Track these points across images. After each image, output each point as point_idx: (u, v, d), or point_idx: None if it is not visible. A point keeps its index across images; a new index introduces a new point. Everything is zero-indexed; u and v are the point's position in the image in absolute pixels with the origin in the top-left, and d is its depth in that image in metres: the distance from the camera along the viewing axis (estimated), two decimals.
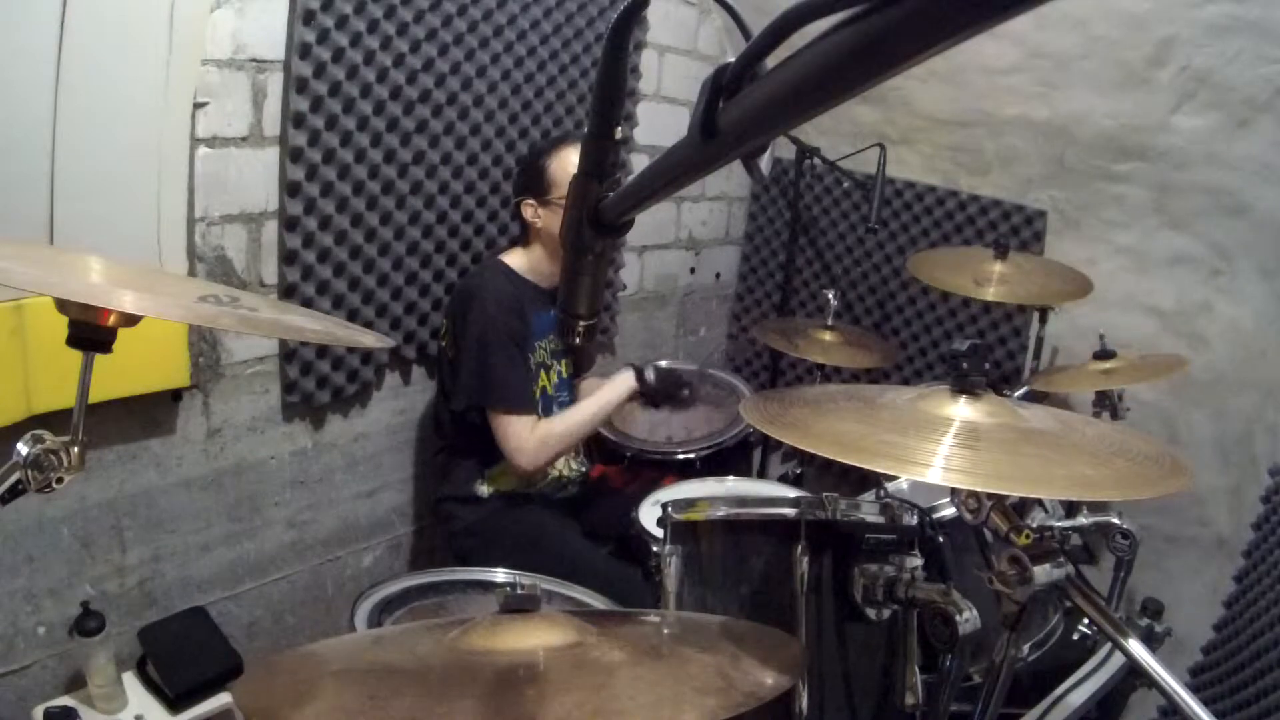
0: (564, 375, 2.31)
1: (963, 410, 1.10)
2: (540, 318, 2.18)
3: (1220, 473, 2.52)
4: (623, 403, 2.26)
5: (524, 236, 2.22)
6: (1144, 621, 1.72)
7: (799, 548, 1.28)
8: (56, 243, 1.57)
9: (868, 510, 1.36)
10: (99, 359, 0.96)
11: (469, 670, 0.88)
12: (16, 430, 0.97)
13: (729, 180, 3.45)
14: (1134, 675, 1.57)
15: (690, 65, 3.08)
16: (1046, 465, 1.01)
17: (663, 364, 2.34)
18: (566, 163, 2.08)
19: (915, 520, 1.38)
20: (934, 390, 1.17)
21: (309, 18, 1.86)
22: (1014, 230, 2.93)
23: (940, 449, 1.00)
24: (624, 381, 2.25)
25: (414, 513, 2.49)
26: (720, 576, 1.39)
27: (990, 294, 2.45)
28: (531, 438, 2.06)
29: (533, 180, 2.12)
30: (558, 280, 2.53)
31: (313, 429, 2.18)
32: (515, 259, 2.20)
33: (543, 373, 2.22)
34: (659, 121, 2.95)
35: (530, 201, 2.13)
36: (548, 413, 2.19)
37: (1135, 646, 1.00)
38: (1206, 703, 1.50)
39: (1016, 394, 2.40)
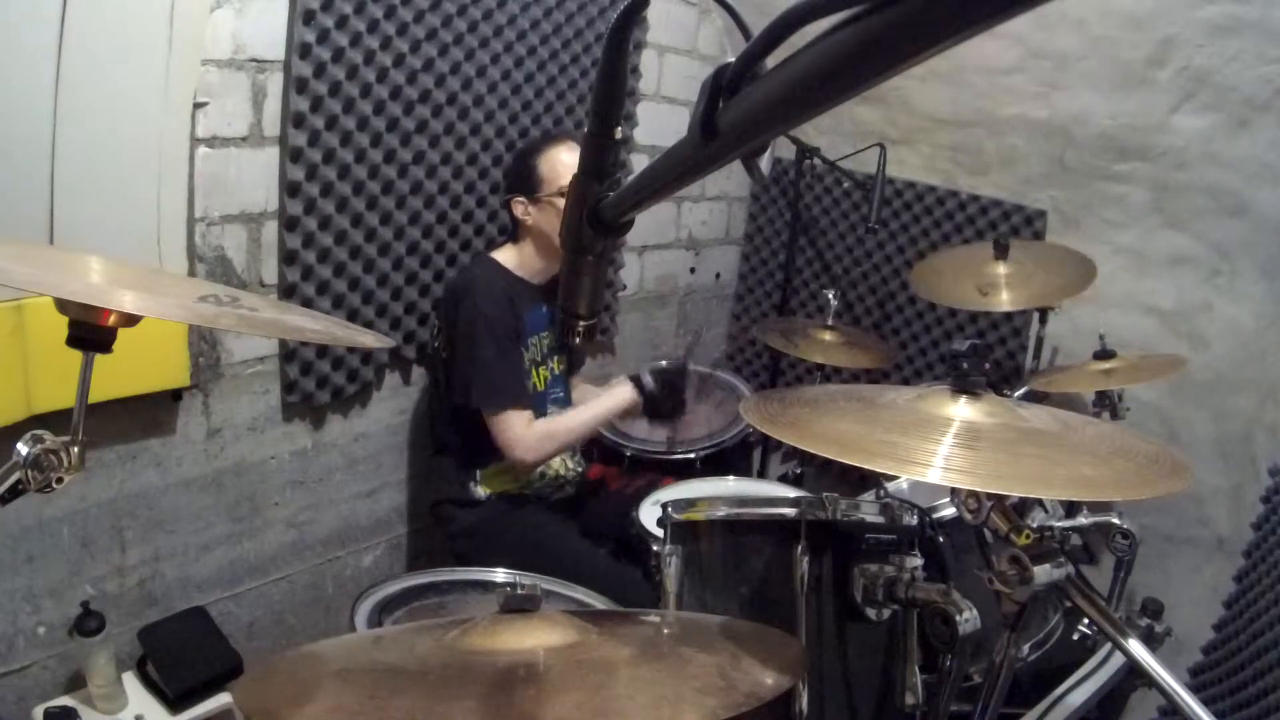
0: (557, 372, 2.30)
1: (963, 410, 1.10)
2: (533, 314, 2.18)
3: (1220, 473, 2.52)
4: (622, 413, 2.22)
5: (514, 234, 2.22)
6: (1144, 621, 1.72)
7: (799, 548, 1.28)
8: (56, 243, 1.57)
9: (868, 510, 1.36)
10: (99, 359, 0.96)
11: (469, 670, 0.88)
12: (16, 430, 0.97)
13: (729, 180, 3.45)
14: (1134, 675, 1.57)
15: (690, 65, 3.08)
16: (1046, 465, 1.01)
17: (662, 364, 2.30)
18: (556, 160, 2.09)
19: (915, 520, 1.38)
20: (934, 390, 1.17)
21: (309, 18, 1.86)
22: (1014, 230, 2.92)
23: (940, 449, 1.00)
24: (622, 394, 2.20)
25: (414, 513, 2.49)
26: (720, 576, 1.39)
27: (999, 300, 2.46)
28: (528, 434, 2.06)
29: (522, 178, 2.13)
30: (550, 276, 2.51)
31: (313, 429, 2.18)
32: (506, 256, 2.20)
33: (535, 369, 2.22)
34: (659, 121, 2.95)
35: (520, 199, 2.13)
36: (540, 410, 2.19)
37: (1135, 646, 1.00)
38: (1206, 703, 1.50)
39: (1016, 394, 2.40)
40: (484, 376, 2.05)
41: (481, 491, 2.17)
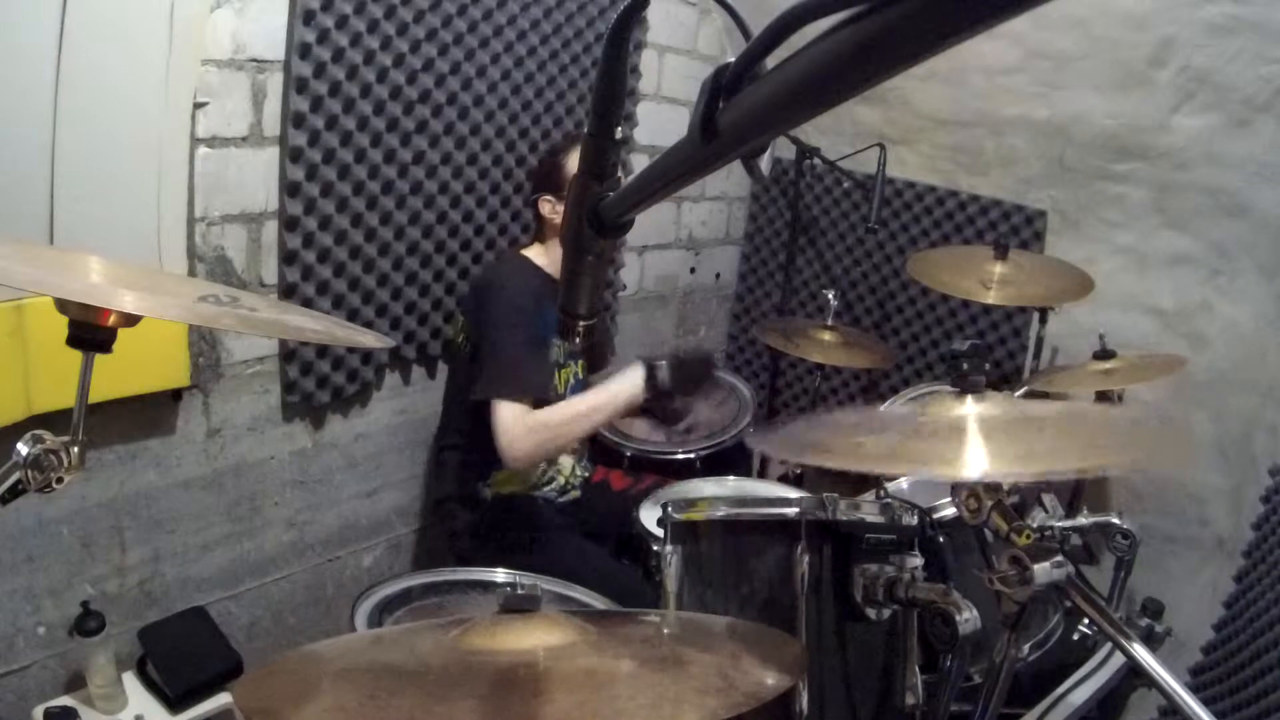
0: (580, 376, 2.29)
1: (972, 408, 1.10)
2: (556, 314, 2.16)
3: (1220, 473, 2.52)
4: (631, 402, 2.02)
5: (540, 233, 2.22)
6: (1144, 621, 1.72)
7: (799, 548, 1.28)
8: (56, 243, 1.57)
9: (868, 510, 1.36)
10: (99, 359, 0.96)
11: (469, 670, 0.88)
12: (16, 430, 0.97)
13: (729, 180, 3.45)
14: (1134, 675, 1.57)
15: (690, 65, 3.08)
16: (1075, 441, 1.01)
17: (680, 353, 2.09)
18: None
19: (915, 520, 1.38)
20: (935, 396, 1.16)
21: (309, 18, 1.86)
22: (1014, 230, 2.92)
23: (969, 446, 1.00)
24: (632, 383, 2.02)
25: (414, 513, 2.49)
26: (720, 576, 1.39)
27: (991, 296, 2.45)
28: (516, 425, 1.93)
29: (551, 177, 2.14)
30: None
31: (313, 429, 2.18)
32: (534, 254, 2.20)
33: (557, 372, 2.20)
34: (659, 121, 2.95)
35: (548, 198, 2.14)
36: None
37: (1135, 646, 1.00)
38: (1206, 703, 1.50)
39: (1017, 394, 2.39)
40: (502, 370, 1.99)
41: (488, 492, 2.17)
